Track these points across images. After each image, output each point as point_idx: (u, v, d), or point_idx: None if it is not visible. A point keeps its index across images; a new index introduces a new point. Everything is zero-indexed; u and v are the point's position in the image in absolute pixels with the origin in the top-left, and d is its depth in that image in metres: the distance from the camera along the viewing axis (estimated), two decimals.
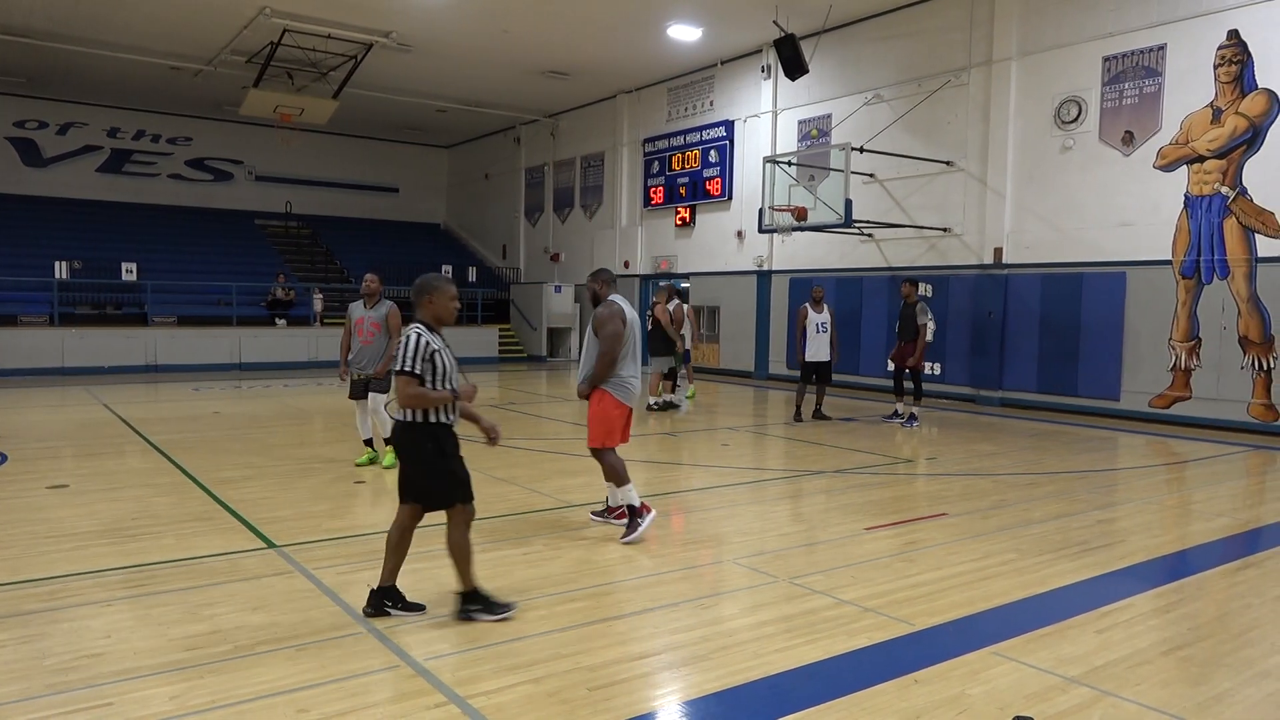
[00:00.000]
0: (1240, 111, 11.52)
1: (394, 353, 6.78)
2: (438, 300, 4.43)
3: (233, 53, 18.67)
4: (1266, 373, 11.32)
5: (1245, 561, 5.70)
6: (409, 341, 4.22)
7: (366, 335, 8.38)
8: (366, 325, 8.40)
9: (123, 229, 23.54)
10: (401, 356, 4.21)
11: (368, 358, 8.36)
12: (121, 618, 4.33)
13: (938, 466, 9.01)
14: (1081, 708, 3.47)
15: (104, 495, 7.06)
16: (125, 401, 13.49)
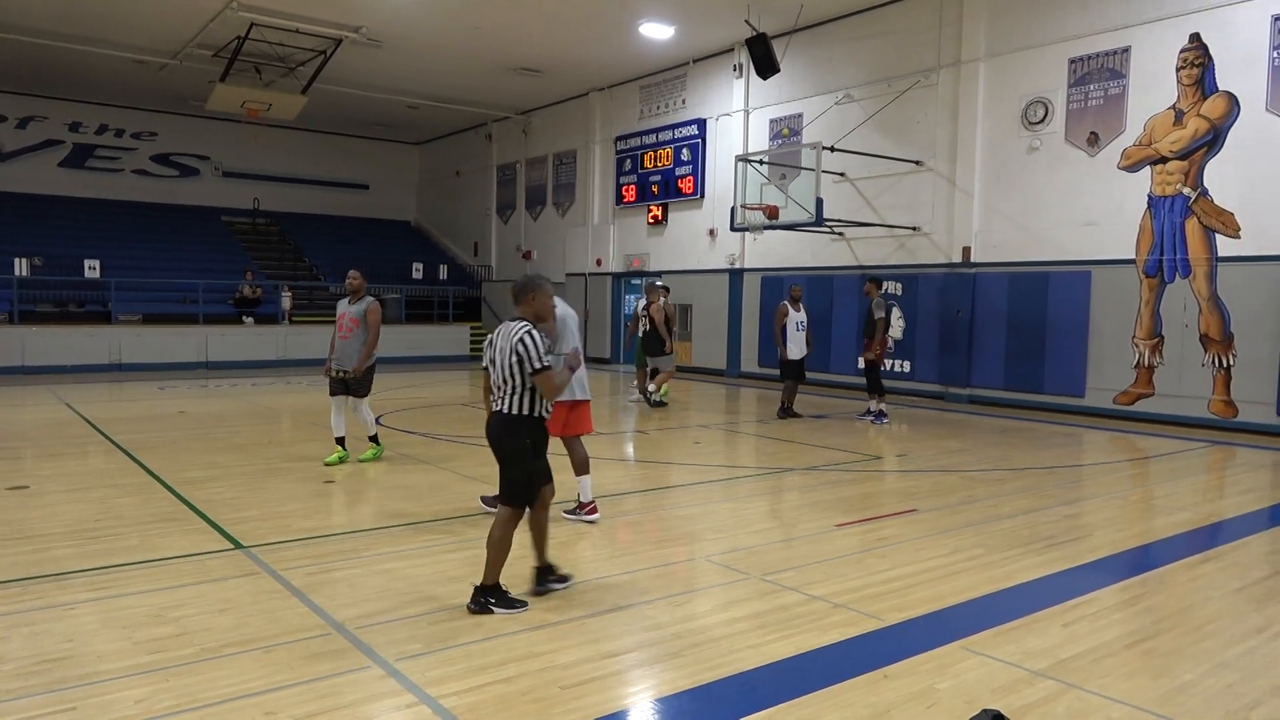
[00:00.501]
0: (1201, 114, 11.73)
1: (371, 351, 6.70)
2: (539, 299, 4.64)
3: (199, 46, 18.40)
4: (1226, 370, 11.55)
5: (1206, 555, 5.81)
6: (530, 340, 4.42)
7: (345, 331, 8.31)
8: (346, 321, 8.32)
9: (85, 225, 23.13)
10: (532, 357, 4.40)
11: (345, 354, 8.29)
12: (85, 621, 4.25)
13: (908, 463, 9.10)
14: (1048, 700, 3.52)
15: (66, 496, 6.93)
16: (88, 401, 13.26)
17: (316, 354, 19.85)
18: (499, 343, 4.54)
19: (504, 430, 4.54)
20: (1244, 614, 4.62)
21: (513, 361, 4.44)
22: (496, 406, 4.58)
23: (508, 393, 4.51)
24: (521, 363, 4.42)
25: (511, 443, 4.55)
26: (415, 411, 12.49)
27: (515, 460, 4.57)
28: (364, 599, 4.62)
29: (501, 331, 4.57)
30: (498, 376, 4.55)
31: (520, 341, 4.41)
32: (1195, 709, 3.48)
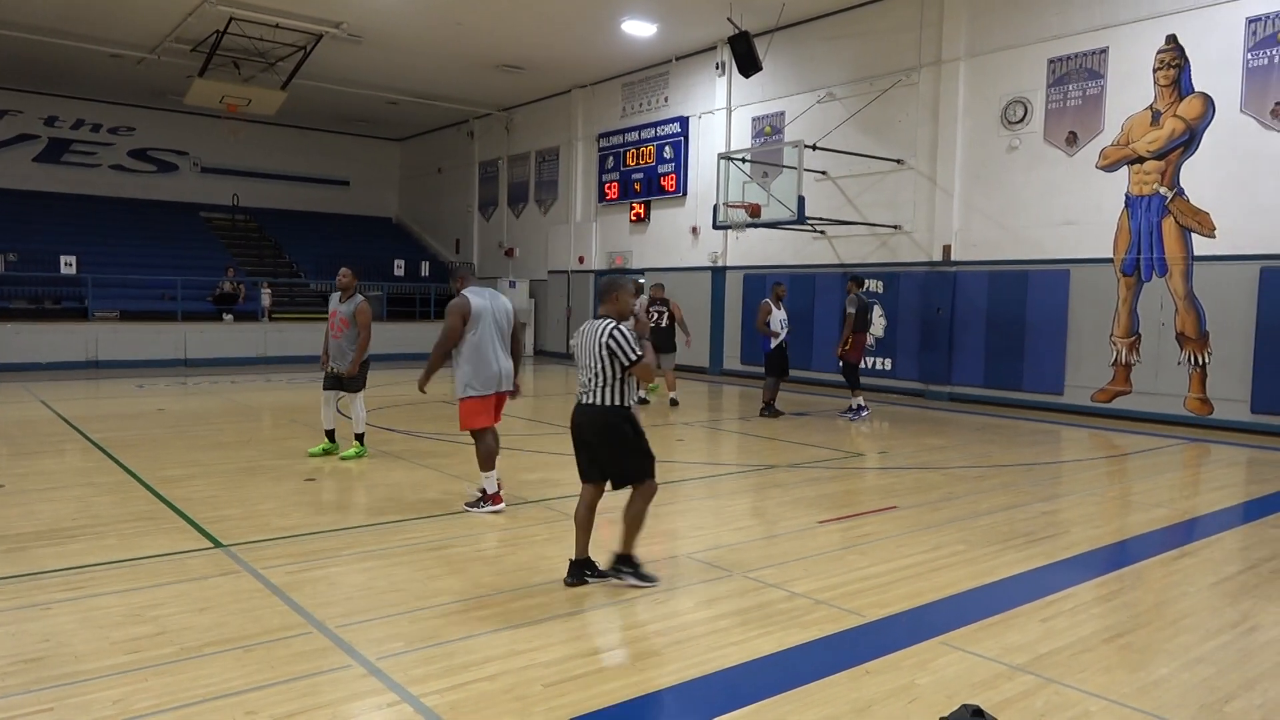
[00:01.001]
0: (1178, 114, 11.86)
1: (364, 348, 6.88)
2: (621, 298, 4.93)
3: (177, 40, 18.21)
4: (1202, 368, 11.69)
5: (1182, 551, 5.89)
6: (620, 335, 4.72)
7: (336, 329, 8.42)
8: (337, 320, 8.43)
9: (61, 221, 22.83)
10: (627, 350, 4.71)
11: (338, 352, 8.40)
12: (62, 621, 4.21)
13: (889, 460, 9.16)
14: (1026, 695, 3.56)
15: (42, 495, 6.86)
16: (65, 399, 13.10)
17: (297, 351, 19.79)
18: (587, 340, 4.82)
19: (604, 423, 4.81)
20: (1219, 609, 4.68)
21: (604, 356, 4.73)
22: (587, 400, 4.84)
23: (599, 385, 4.79)
24: (614, 356, 4.72)
25: (619, 433, 4.83)
26: (397, 409, 12.44)
27: (629, 445, 4.86)
28: (345, 597, 4.60)
29: (587, 329, 4.85)
30: (585, 369, 4.82)
31: (610, 337, 4.71)
32: (1171, 702, 3.52)
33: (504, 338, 6.52)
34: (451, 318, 6.36)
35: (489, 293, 6.56)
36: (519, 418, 12.28)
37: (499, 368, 6.45)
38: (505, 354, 6.53)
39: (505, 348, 6.53)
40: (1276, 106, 10.99)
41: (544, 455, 9.02)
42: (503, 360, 6.49)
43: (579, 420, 4.89)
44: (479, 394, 6.41)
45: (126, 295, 20.48)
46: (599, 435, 4.83)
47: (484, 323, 6.38)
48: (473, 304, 6.39)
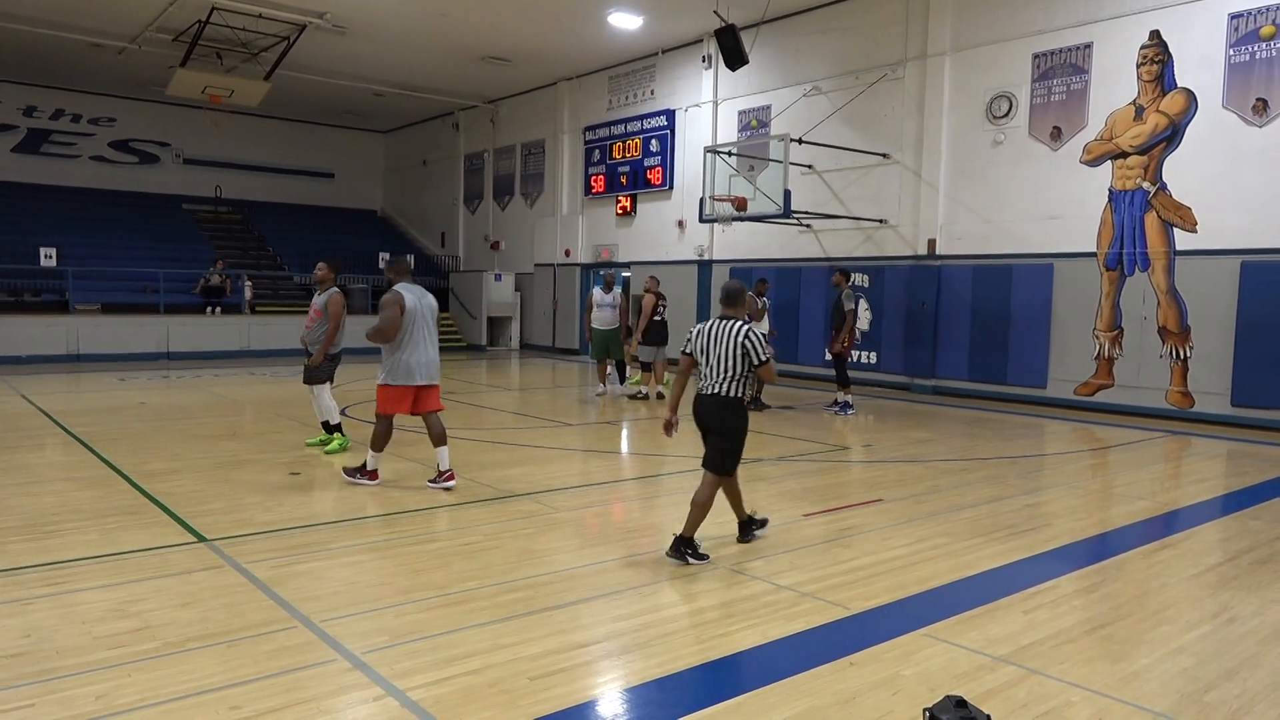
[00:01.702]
0: (1161, 109, 11.94)
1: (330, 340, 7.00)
2: (749, 302, 5.54)
3: (158, 30, 18.02)
4: (1183, 361, 11.79)
5: (1163, 543, 5.94)
6: (755, 337, 5.21)
7: (310, 320, 8.62)
8: (312, 311, 8.64)
9: (41, 212, 22.58)
10: (759, 351, 5.19)
11: (310, 342, 8.63)
12: (43, 616, 4.17)
13: (874, 453, 9.19)
14: (1009, 685, 3.59)
15: (22, 490, 6.79)
16: (45, 392, 12.98)
17: (280, 345, 19.67)
18: (717, 337, 5.26)
19: (728, 411, 5.25)
20: (1199, 600, 4.73)
21: (738, 354, 5.18)
22: (710, 390, 5.27)
23: (726, 379, 5.23)
24: (747, 355, 5.17)
25: (737, 421, 5.26)
26: None
27: (738, 435, 5.29)
28: (329, 592, 4.58)
29: (716, 327, 5.30)
30: (715, 365, 5.25)
31: (746, 338, 5.18)
32: (1152, 692, 3.56)
33: (432, 332, 7.00)
34: (390, 309, 6.73)
35: (418, 289, 7.00)
36: (506, 412, 12.27)
37: (423, 361, 6.89)
38: (431, 348, 6.98)
39: (432, 341, 6.99)
40: (1258, 102, 11.08)
41: (530, 449, 9.01)
42: (429, 353, 6.94)
43: (700, 406, 5.36)
44: (398, 384, 6.85)
45: (108, 288, 20.29)
46: (716, 421, 5.28)
47: (415, 317, 6.82)
48: (405, 300, 6.80)
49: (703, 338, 5.36)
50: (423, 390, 6.96)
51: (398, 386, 6.85)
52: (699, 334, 5.40)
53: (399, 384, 6.84)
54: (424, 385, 6.95)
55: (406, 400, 6.91)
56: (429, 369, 6.94)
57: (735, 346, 5.17)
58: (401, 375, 6.83)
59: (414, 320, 6.82)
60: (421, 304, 6.91)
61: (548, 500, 6.71)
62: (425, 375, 6.92)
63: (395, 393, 6.86)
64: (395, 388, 6.85)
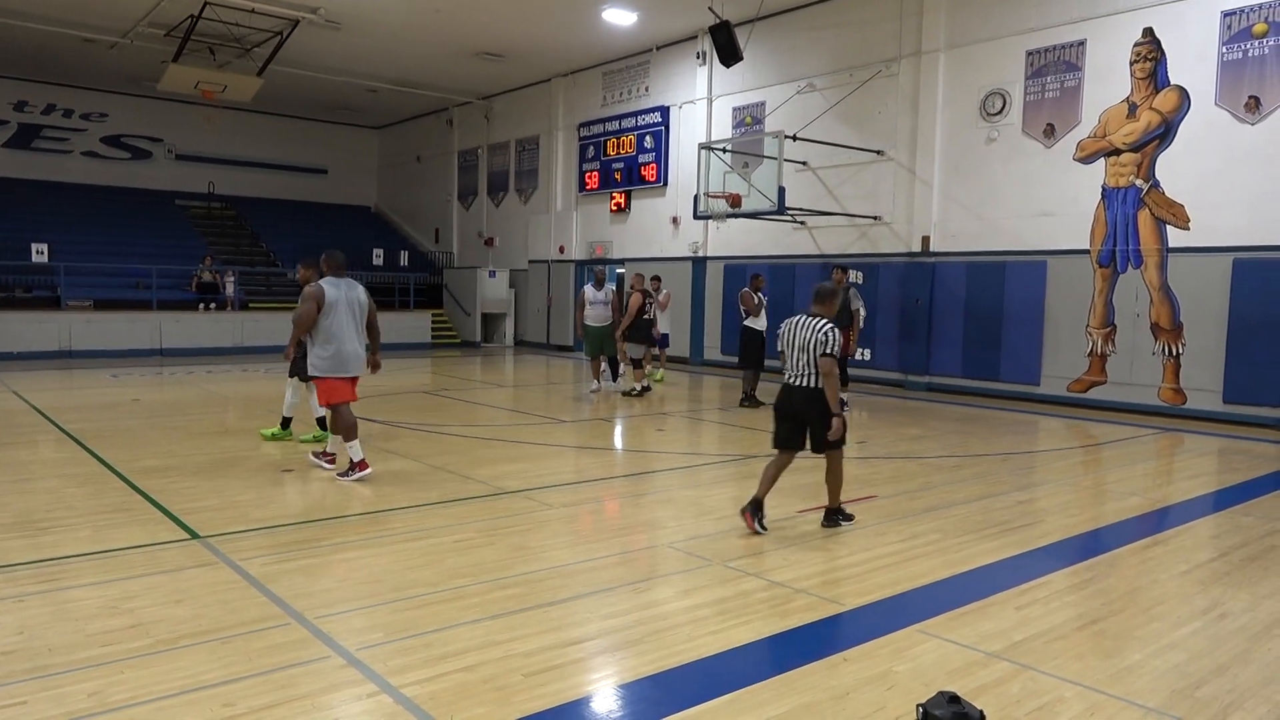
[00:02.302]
0: (1154, 107, 11.97)
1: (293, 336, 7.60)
2: (834, 302, 5.97)
3: (150, 25, 17.93)
4: (1176, 358, 11.83)
5: (1154, 539, 5.97)
6: (832, 332, 5.68)
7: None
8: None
9: (32, 208, 22.46)
10: (831, 344, 5.64)
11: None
12: (35, 613, 4.16)
13: (867, 450, 9.21)
14: (1002, 681, 3.60)
15: (14, 486, 6.77)
16: (37, 389, 12.93)
17: (272, 341, 19.62)
18: (801, 333, 5.75)
19: (815, 400, 5.74)
20: (1190, 596, 4.75)
21: (815, 347, 5.68)
22: (797, 382, 5.79)
23: (811, 371, 5.72)
24: (822, 346, 5.64)
25: (823, 408, 5.71)
26: (376, 399, 12.36)
27: (824, 422, 5.72)
28: (323, 588, 4.58)
29: (802, 323, 5.79)
30: (798, 358, 5.76)
31: (823, 332, 5.67)
32: (1143, 688, 3.58)
33: (358, 324, 7.20)
34: (306, 304, 6.97)
35: (345, 283, 7.18)
36: (500, 408, 12.26)
37: (349, 351, 7.11)
38: (358, 339, 7.21)
39: (359, 333, 7.22)
40: (1250, 100, 11.11)
41: (524, 446, 9.01)
42: (355, 345, 7.17)
43: (788, 398, 5.86)
44: (335, 375, 7.08)
45: (100, 284, 20.20)
46: (804, 410, 5.78)
47: (337, 310, 7.03)
48: (327, 293, 7.02)
49: (788, 333, 5.88)
50: (346, 381, 7.23)
51: (335, 378, 7.10)
52: (786, 330, 5.92)
53: (336, 375, 7.10)
54: (354, 376, 7.23)
55: (348, 388, 7.17)
56: (355, 360, 7.19)
57: (814, 339, 5.69)
58: (337, 366, 7.09)
59: (337, 312, 7.02)
60: (348, 297, 7.11)
61: (541, 497, 6.71)
62: (355, 367, 7.18)
63: (335, 383, 7.12)
64: (334, 379, 7.11)
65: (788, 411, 5.88)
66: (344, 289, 7.13)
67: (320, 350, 7.06)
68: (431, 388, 14.36)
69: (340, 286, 7.13)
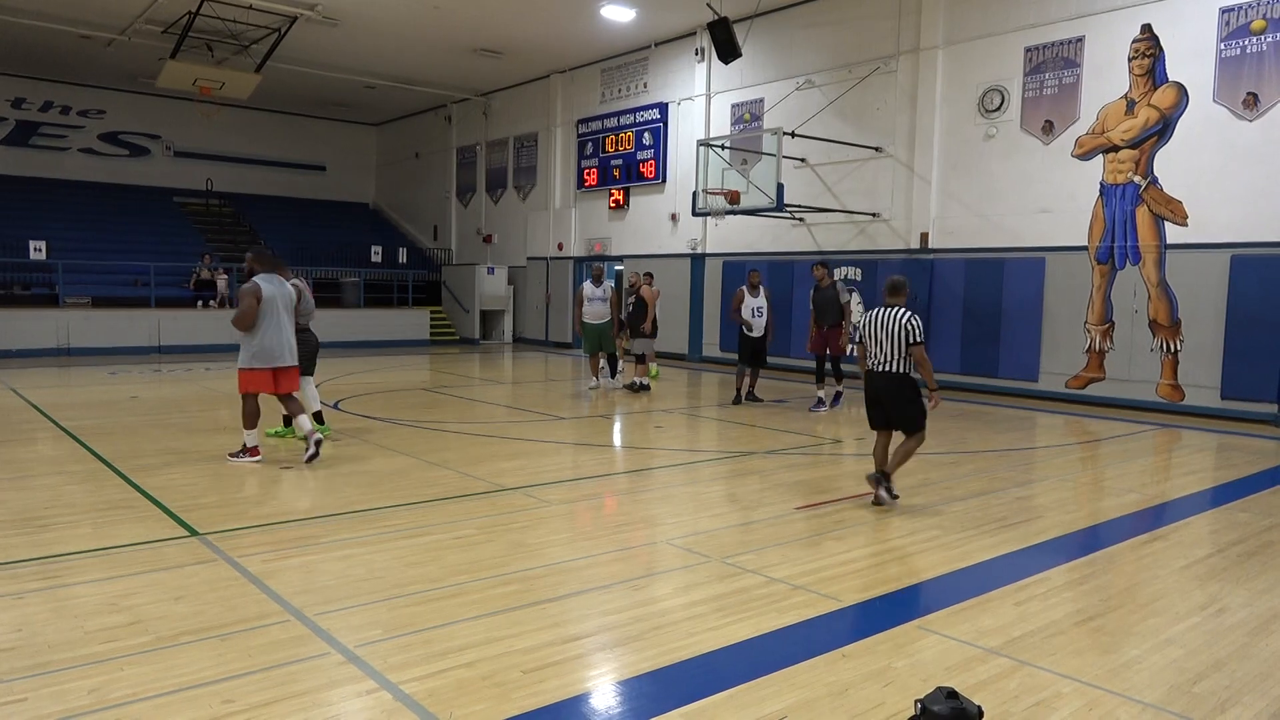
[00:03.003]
0: (1152, 103, 11.97)
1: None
2: (907, 292, 6.56)
3: (148, 21, 17.90)
4: (1174, 355, 11.84)
5: (1152, 535, 5.98)
6: (917, 321, 6.31)
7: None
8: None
9: (30, 205, 22.43)
10: (917, 333, 6.27)
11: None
12: (34, 610, 4.16)
13: (866, 447, 9.19)
14: (1000, 677, 3.61)
15: (13, 484, 6.77)
16: (35, 386, 12.92)
17: None
18: (884, 323, 6.33)
19: (903, 384, 6.35)
20: (1188, 591, 4.76)
21: (901, 336, 6.22)
22: (882, 368, 6.36)
23: (898, 357, 6.30)
24: (907, 336, 6.21)
25: (913, 392, 6.38)
26: (375, 396, 12.37)
27: (914, 402, 6.38)
28: (322, 585, 4.58)
29: (881, 314, 6.37)
30: (885, 346, 6.31)
31: (910, 322, 6.27)
32: (1141, 684, 3.58)
33: (289, 319, 7.70)
34: (247, 300, 7.39)
35: (276, 279, 7.65)
36: (499, 405, 12.26)
37: (280, 345, 7.55)
38: (288, 333, 7.67)
39: (290, 328, 7.69)
40: (1248, 96, 11.11)
41: (523, 443, 9.01)
42: (283, 339, 7.59)
43: (876, 384, 6.43)
44: (258, 367, 7.49)
45: (98, 281, 20.19)
46: (892, 395, 6.36)
47: (273, 306, 7.48)
48: (264, 290, 7.44)
49: (871, 325, 6.42)
50: (280, 371, 7.61)
51: (257, 370, 7.49)
52: (868, 322, 6.45)
53: (259, 367, 7.49)
54: (282, 367, 7.60)
55: (267, 381, 7.55)
56: (285, 352, 7.61)
57: (899, 329, 6.23)
58: (261, 359, 7.48)
59: (271, 308, 7.47)
60: (279, 293, 7.57)
61: (540, 494, 6.71)
62: (282, 358, 7.59)
63: (255, 375, 7.51)
64: (256, 370, 7.49)
65: (875, 396, 6.49)
66: (277, 285, 7.58)
67: (250, 344, 7.46)
68: (430, 385, 14.36)
69: (273, 282, 7.57)
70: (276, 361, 7.56)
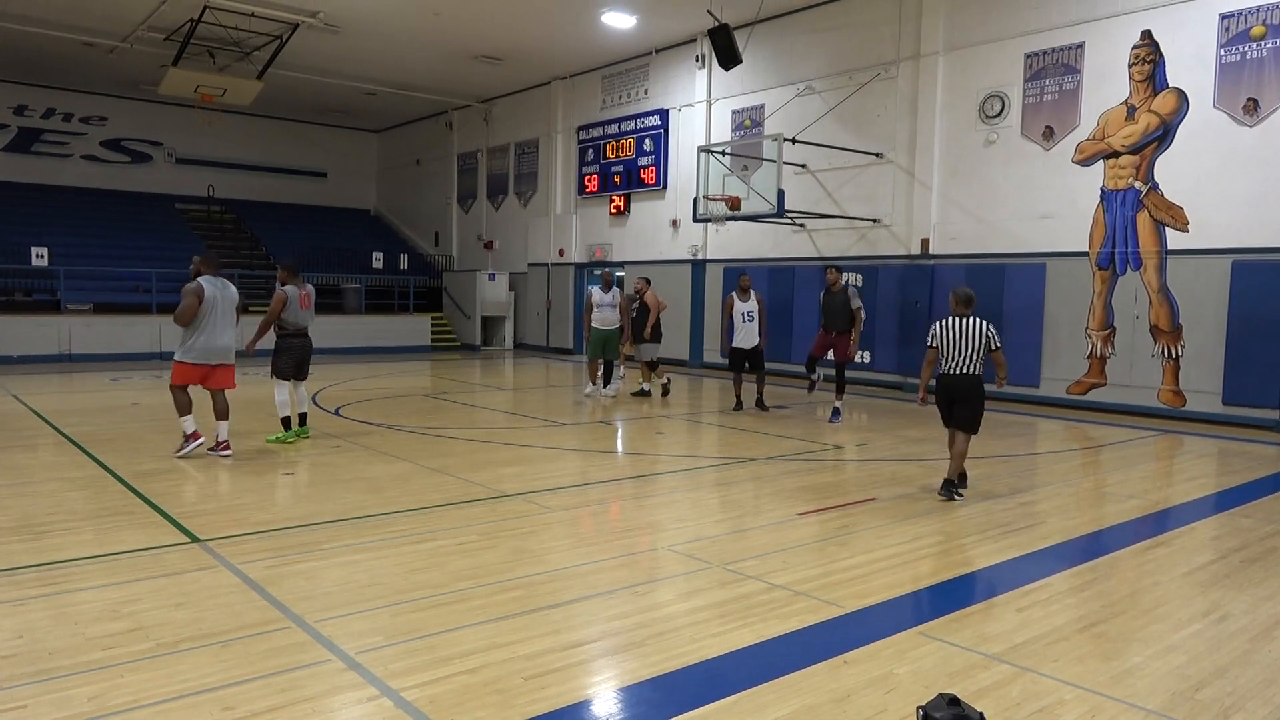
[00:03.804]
0: (1152, 109, 11.98)
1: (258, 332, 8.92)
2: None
3: (150, 29, 17.95)
4: (1175, 360, 11.84)
5: (1155, 541, 5.97)
6: (995, 330, 6.99)
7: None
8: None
9: (32, 212, 22.46)
10: (997, 340, 6.95)
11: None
12: (36, 617, 4.16)
13: (867, 453, 9.21)
14: (1003, 684, 3.60)
15: (15, 490, 6.77)
16: (37, 392, 12.93)
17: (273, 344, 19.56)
18: (962, 330, 6.91)
19: (975, 386, 6.93)
20: (1190, 598, 4.75)
21: (981, 342, 6.86)
22: (958, 371, 6.88)
23: (975, 361, 6.87)
24: (988, 342, 6.86)
25: (981, 393, 6.95)
26: (376, 402, 12.37)
27: (981, 403, 6.97)
28: (324, 591, 4.58)
29: (957, 323, 6.94)
30: (965, 351, 6.85)
31: (990, 329, 6.93)
32: (1144, 690, 3.58)
33: (230, 319, 8.13)
34: (189, 299, 7.78)
35: (220, 282, 8.08)
36: (500, 411, 12.26)
37: (217, 344, 7.98)
38: (230, 335, 8.12)
39: (230, 327, 8.13)
40: (1248, 102, 11.13)
41: (524, 449, 9.01)
42: (223, 338, 8.02)
43: (951, 384, 6.94)
44: (192, 361, 7.92)
45: (100, 288, 20.20)
46: (965, 394, 6.89)
47: (214, 306, 7.90)
48: (205, 290, 7.87)
49: (946, 332, 6.94)
50: (215, 369, 8.06)
51: (191, 364, 7.93)
52: (942, 330, 6.98)
53: (193, 362, 7.93)
54: (217, 365, 8.05)
55: (197, 375, 8.00)
56: (222, 351, 8.02)
57: (979, 336, 6.84)
58: (197, 355, 7.91)
59: (212, 308, 7.88)
60: (222, 294, 7.99)
61: (542, 500, 6.71)
62: (219, 356, 8.01)
63: (188, 369, 7.95)
64: (189, 365, 7.93)
65: (950, 395, 6.95)
66: (219, 287, 8.00)
67: (190, 341, 7.88)
68: (431, 391, 14.36)
69: (216, 285, 7.98)
70: (212, 359, 7.97)
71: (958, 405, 6.92)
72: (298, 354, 9.03)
